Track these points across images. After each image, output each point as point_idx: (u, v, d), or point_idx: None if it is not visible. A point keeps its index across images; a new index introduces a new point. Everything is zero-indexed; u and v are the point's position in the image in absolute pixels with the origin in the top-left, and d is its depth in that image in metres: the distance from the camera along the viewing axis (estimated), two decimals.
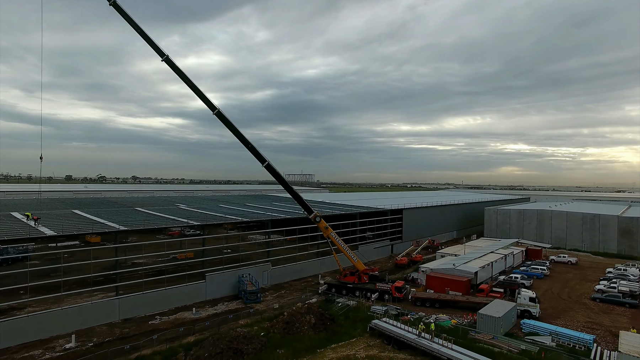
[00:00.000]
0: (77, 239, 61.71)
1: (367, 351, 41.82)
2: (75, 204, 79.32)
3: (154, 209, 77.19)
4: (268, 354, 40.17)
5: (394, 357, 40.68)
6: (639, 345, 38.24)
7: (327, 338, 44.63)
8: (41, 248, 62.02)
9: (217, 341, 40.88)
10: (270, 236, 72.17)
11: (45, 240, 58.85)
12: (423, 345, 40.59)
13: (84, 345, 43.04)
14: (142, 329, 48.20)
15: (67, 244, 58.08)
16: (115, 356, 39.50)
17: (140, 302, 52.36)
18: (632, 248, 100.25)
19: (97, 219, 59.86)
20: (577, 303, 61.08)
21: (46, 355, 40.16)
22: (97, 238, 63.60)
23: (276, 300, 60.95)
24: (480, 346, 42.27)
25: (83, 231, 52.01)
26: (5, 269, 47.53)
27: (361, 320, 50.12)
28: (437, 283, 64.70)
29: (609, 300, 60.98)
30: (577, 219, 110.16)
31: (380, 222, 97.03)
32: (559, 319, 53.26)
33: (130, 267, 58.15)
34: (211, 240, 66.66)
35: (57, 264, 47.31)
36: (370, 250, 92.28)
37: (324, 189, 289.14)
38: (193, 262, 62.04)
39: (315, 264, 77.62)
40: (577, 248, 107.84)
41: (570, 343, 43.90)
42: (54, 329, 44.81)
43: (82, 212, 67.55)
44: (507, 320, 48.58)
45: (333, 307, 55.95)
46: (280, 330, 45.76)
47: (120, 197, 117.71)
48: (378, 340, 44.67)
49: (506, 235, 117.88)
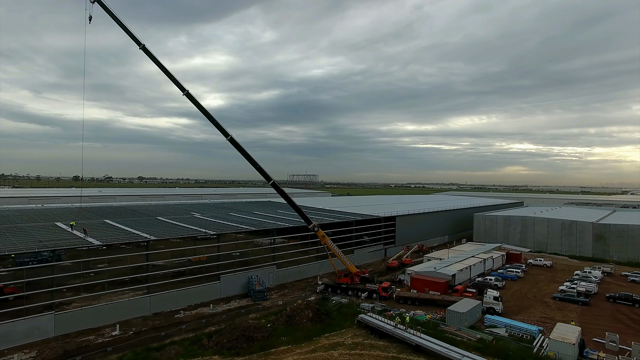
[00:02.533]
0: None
1: (353, 339, 51.96)
2: (105, 213, 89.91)
3: (173, 218, 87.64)
4: (274, 340, 50.45)
5: (374, 343, 50.77)
6: (565, 333, 48.06)
7: (322, 329, 54.79)
8: (90, 254, 72.40)
9: (232, 330, 51.23)
10: (275, 242, 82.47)
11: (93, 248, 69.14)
12: (398, 334, 50.68)
13: (125, 333, 53.52)
14: (169, 321, 58.65)
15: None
16: (153, 341, 49.96)
17: (167, 299, 62.84)
18: (605, 252, 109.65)
19: (129, 229, 70.39)
20: (539, 302, 70.83)
21: (99, 340, 50.70)
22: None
23: (280, 298, 71.17)
24: (446, 336, 52.22)
25: (121, 241, 62.34)
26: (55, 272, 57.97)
27: (351, 315, 60.14)
28: (419, 284, 74.70)
29: (566, 299, 70.71)
30: (557, 225, 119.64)
31: (374, 228, 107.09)
32: (519, 315, 63.09)
33: (157, 269, 68.53)
34: (224, 246, 76.85)
35: (103, 268, 57.82)
36: (365, 254, 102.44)
37: (326, 193, 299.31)
38: (209, 265, 72.29)
39: (315, 266, 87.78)
40: (556, 252, 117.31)
41: (520, 333, 53.85)
42: (101, 320, 55.32)
43: (113, 222, 78.09)
44: (472, 315, 58.52)
45: (328, 304, 66.11)
46: (284, 322, 56.02)
47: (136, 205, 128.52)
48: (363, 331, 54.71)
49: (493, 239, 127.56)
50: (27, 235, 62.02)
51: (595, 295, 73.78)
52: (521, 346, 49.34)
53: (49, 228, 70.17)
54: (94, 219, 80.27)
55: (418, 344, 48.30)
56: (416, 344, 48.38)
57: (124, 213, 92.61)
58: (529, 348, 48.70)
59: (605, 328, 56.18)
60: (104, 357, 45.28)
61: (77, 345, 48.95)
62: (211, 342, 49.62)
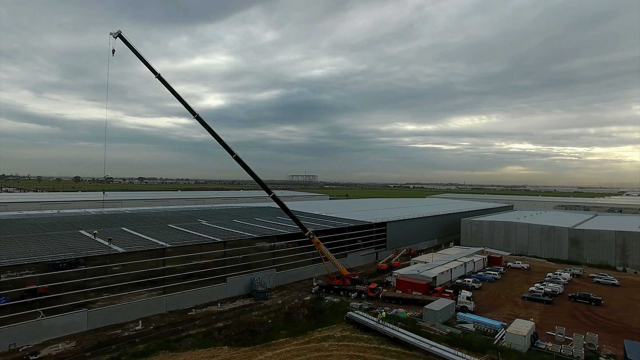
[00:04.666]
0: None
1: (342, 333, 60.93)
2: (121, 221, 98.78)
3: (183, 226, 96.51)
4: (274, 334, 59.41)
5: (360, 336, 59.73)
6: (520, 327, 57.10)
7: (315, 324, 63.74)
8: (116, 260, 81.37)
9: (239, 325, 60.16)
10: (275, 247, 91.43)
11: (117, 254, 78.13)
12: (379, 328, 59.66)
13: (147, 327, 62.41)
14: (183, 317, 67.53)
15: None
16: (171, 334, 58.89)
17: (181, 298, 71.72)
18: (579, 255, 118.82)
19: (146, 237, 79.31)
20: (510, 301, 79.82)
21: (125, 333, 59.61)
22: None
23: (280, 297, 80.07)
24: (422, 330, 61.23)
25: (142, 248, 71.22)
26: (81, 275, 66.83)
27: (341, 312, 69.04)
28: (404, 285, 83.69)
29: (533, 299, 79.73)
30: (537, 230, 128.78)
31: (366, 233, 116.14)
32: (489, 313, 72.03)
33: (171, 272, 77.38)
34: (230, 251, 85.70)
35: (126, 272, 66.86)
36: (358, 257, 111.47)
37: (324, 195, 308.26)
38: (216, 268, 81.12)
39: (311, 269, 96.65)
40: (536, 255, 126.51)
41: (485, 328, 62.84)
42: (125, 316, 64.21)
43: (130, 230, 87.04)
44: (445, 313, 67.51)
45: (322, 303, 75.08)
46: (282, 318, 64.98)
47: (146, 211, 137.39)
48: (351, 326, 63.58)
49: (479, 243, 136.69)
50: (60, 243, 70.92)
51: (560, 295, 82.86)
52: (484, 339, 58.41)
53: (74, 236, 79.03)
54: (113, 227, 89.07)
55: (396, 337, 57.26)
56: (394, 337, 57.35)
57: (138, 220, 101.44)
58: (491, 340, 57.74)
59: (561, 323, 65.21)
60: (133, 347, 54.19)
61: (108, 338, 57.84)
62: (221, 335, 58.51)
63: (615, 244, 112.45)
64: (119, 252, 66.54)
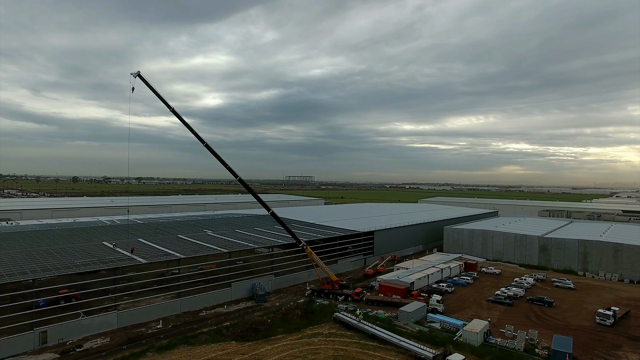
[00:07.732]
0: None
1: (329, 330, 73.26)
2: (136, 231, 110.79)
3: (191, 236, 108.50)
4: (273, 331, 71.66)
5: (344, 333, 72.06)
6: (475, 326, 69.65)
7: (307, 323, 75.96)
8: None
9: (243, 324, 72.35)
10: (273, 256, 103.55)
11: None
12: (360, 327, 72.03)
13: (166, 326, 74.47)
14: (196, 317, 79.60)
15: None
16: (188, 332, 71.01)
17: (192, 301, 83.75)
18: (547, 261, 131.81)
19: (161, 248, 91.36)
20: (476, 303, 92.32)
21: (149, 331, 71.65)
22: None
23: (277, 300, 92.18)
24: (396, 328, 73.62)
25: (160, 259, 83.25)
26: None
27: (330, 313, 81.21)
28: (385, 289, 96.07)
29: (496, 301, 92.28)
30: (511, 238, 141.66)
31: (356, 241, 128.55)
32: (456, 314, 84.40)
33: (184, 279, 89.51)
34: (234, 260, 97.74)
35: (147, 279, 78.97)
36: (347, 263, 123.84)
37: (319, 200, 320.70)
38: (222, 275, 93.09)
39: (305, 275, 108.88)
40: (510, 261, 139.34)
41: (449, 327, 75.29)
42: (147, 317, 76.23)
43: (146, 240, 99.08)
44: (417, 314, 79.90)
45: (313, 305, 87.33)
46: (280, 318, 77.19)
47: (155, 221, 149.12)
48: (337, 325, 75.91)
49: (460, 249, 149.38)
50: (89, 254, 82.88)
51: (520, 298, 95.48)
52: (446, 335, 70.88)
53: (98, 246, 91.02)
54: (130, 238, 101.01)
55: (373, 334, 69.62)
56: (371, 334, 69.71)
57: (150, 230, 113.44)
58: (452, 336, 70.21)
59: (515, 322, 77.61)
60: (158, 341, 66.26)
61: (135, 335, 69.88)
62: (229, 332, 70.65)
63: (578, 251, 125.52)
64: (143, 262, 78.55)
